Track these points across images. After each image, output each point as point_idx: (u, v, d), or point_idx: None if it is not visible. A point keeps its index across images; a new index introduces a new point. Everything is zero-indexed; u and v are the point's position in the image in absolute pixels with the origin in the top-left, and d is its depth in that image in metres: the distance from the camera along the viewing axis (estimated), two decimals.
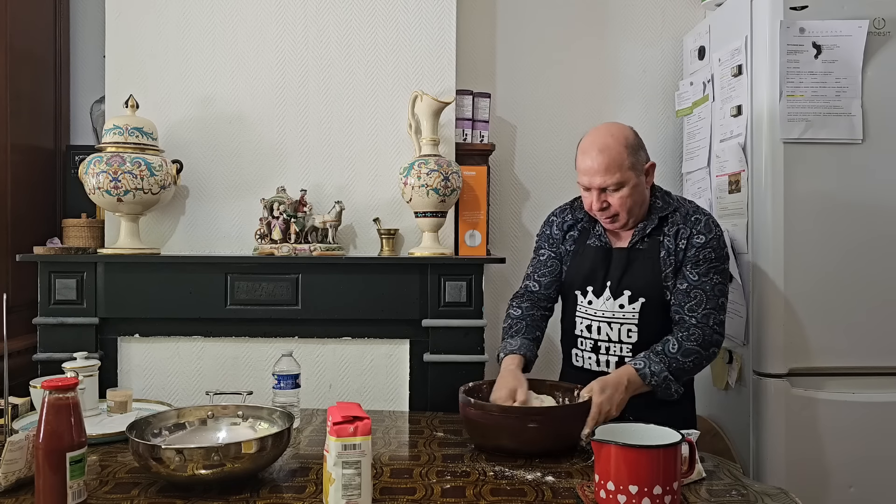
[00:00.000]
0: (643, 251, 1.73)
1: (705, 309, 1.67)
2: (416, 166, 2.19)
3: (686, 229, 1.71)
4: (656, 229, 1.73)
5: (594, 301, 1.75)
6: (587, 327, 1.77)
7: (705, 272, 1.68)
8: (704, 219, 1.72)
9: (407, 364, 2.24)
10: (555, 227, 1.87)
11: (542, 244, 1.89)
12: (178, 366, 2.23)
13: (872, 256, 2.03)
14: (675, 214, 1.73)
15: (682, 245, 1.70)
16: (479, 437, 1.53)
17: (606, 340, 1.74)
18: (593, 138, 1.70)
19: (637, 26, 2.77)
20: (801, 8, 2.03)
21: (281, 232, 2.24)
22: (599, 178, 1.66)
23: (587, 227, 1.83)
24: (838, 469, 2.01)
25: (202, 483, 1.27)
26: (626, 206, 1.68)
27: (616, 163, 1.65)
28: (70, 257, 2.17)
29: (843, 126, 2.02)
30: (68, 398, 1.20)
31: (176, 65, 2.35)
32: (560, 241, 1.85)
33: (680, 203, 1.76)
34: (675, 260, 1.70)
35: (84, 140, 2.61)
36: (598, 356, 1.75)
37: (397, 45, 2.37)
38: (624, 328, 1.72)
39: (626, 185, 1.66)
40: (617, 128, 1.71)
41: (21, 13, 2.32)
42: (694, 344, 1.64)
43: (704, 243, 1.69)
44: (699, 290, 1.68)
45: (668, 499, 1.16)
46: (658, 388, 1.61)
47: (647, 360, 1.61)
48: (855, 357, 2.03)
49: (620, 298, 1.72)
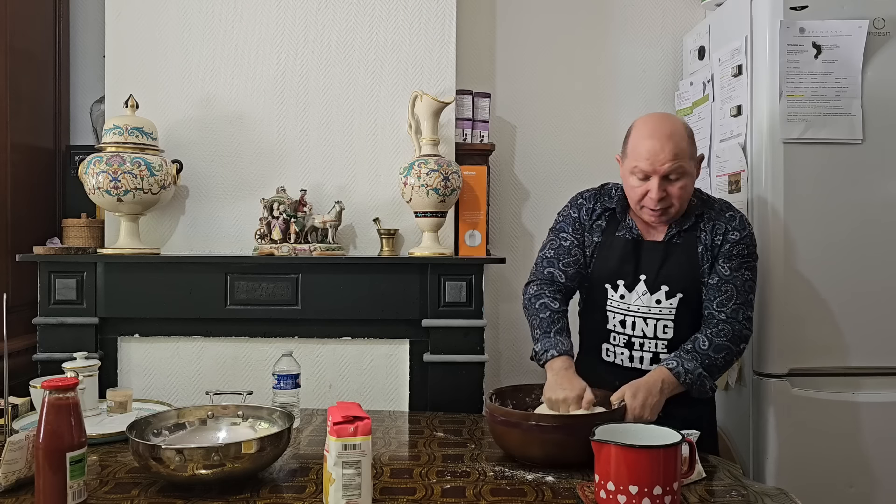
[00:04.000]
0: (680, 245, 1.70)
1: (735, 304, 1.65)
2: (416, 166, 2.19)
3: (721, 225, 1.69)
4: (692, 225, 1.71)
5: (626, 295, 1.71)
6: (621, 322, 1.72)
7: (737, 267, 1.67)
8: (739, 216, 1.72)
9: (407, 364, 2.24)
10: (584, 212, 1.78)
11: (565, 227, 1.80)
12: (177, 366, 2.23)
13: (872, 256, 2.03)
14: (709, 211, 1.72)
15: (717, 240, 1.68)
16: (512, 447, 1.47)
17: (641, 336, 1.70)
18: (658, 123, 1.65)
19: (637, 26, 2.76)
20: (801, 8, 2.03)
21: (281, 232, 2.24)
22: (668, 165, 1.59)
23: (618, 217, 1.76)
24: (838, 469, 2.01)
25: (202, 483, 1.27)
26: (682, 198, 1.64)
27: (683, 150, 1.61)
28: (70, 257, 2.17)
29: (843, 126, 2.02)
30: (68, 398, 1.21)
31: (176, 65, 2.35)
32: (587, 228, 1.78)
33: (713, 200, 1.76)
34: (711, 255, 1.69)
35: (84, 140, 2.61)
36: (632, 352, 1.71)
37: (397, 45, 2.37)
38: (660, 324, 1.69)
39: (687, 174, 1.63)
40: (675, 116, 1.69)
41: (21, 13, 2.32)
42: (724, 339, 1.62)
43: (739, 239, 1.68)
44: (730, 284, 1.66)
45: (668, 499, 1.16)
46: (693, 386, 1.59)
47: (680, 359, 1.59)
48: (855, 357, 2.03)
49: (657, 293, 1.68)
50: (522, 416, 1.45)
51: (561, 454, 1.41)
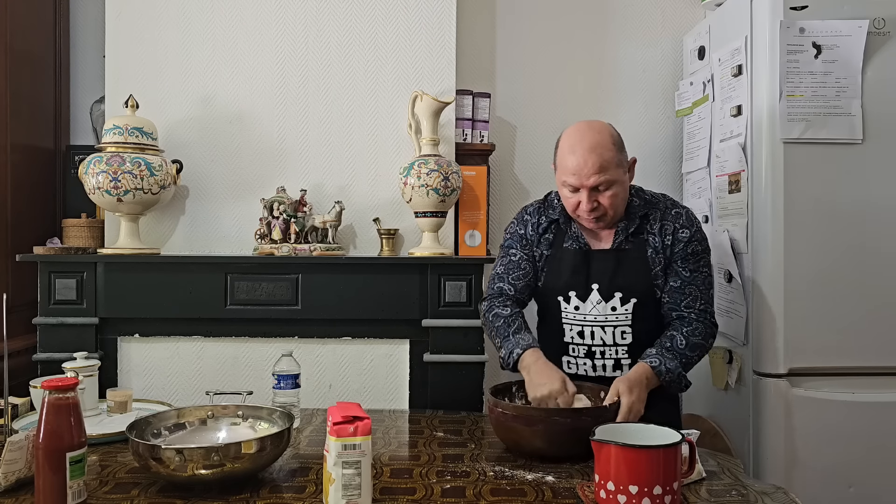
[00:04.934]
0: (629, 251, 1.71)
1: (702, 303, 1.70)
2: (416, 166, 2.19)
3: (669, 224, 1.71)
4: (639, 228, 1.72)
5: (581, 306, 1.72)
6: (579, 333, 1.73)
7: (696, 267, 1.70)
8: (685, 212, 1.73)
9: (407, 364, 2.24)
10: (529, 228, 1.80)
11: (513, 244, 1.81)
12: (178, 366, 2.23)
13: (872, 256, 2.03)
14: (654, 211, 1.73)
15: (667, 241, 1.70)
16: (514, 440, 1.49)
17: (601, 345, 1.71)
18: (580, 136, 1.65)
19: (637, 26, 2.77)
20: (801, 8, 2.03)
21: (281, 232, 2.24)
22: (593, 178, 1.61)
23: (563, 228, 1.77)
24: (838, 469, 2.01)
25: (202, 483, 1.27)
26: (616, 205, 1.66)
27: (607, 161, 1.61)
28: (70, 257, 2.17)
29: (843, 126, 2.02)
30: (68, 398, 1.20)
31: (176, 65, 2.35)
32: (535, 242, 1.79)
33: (656, 199, 1.76)
34: (664, 257, 1.70)
35: (84, 140, 2.61)
36: (594, 361, 1.73)
37: (397, 45, 2.37)
38: (618, 330, 1.70)
39: (616, 183, 1.64)
40: (600, 124, 1.67)
41: (21, 13, 2.32)
42: (699, 338, 1.67)
43: (690, 237, 1.70)
44: (693, 285, 1.70)
45: (668, 499, 1.16)
46: (672, 385, 1.61)
47: (662, 358, 1.61)
48: (855, 357, 2.03)
49: (612, 301, 1.70)
50: (532, 410, 1.48)
51: (565, 447, 1.43)
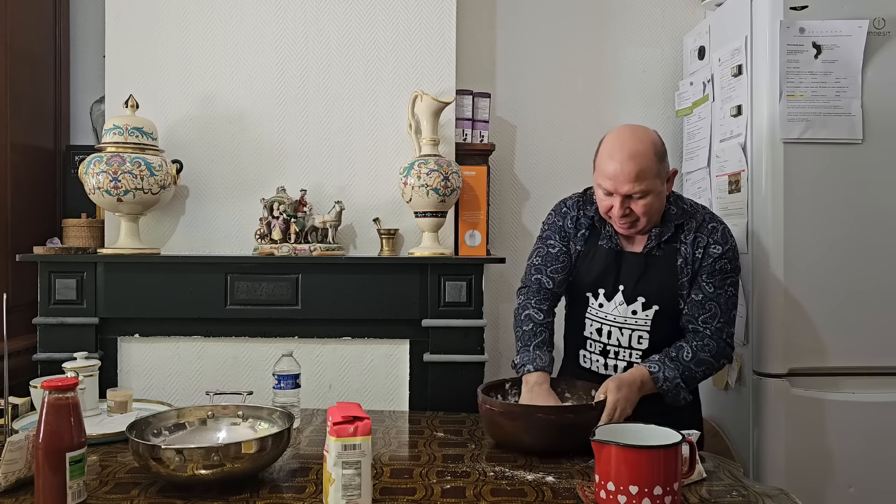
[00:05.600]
0: (660, 258, 1.69)
1: (720, 322, 1.66)
2: (416, 166, 2.19)
3: (703, 238, 1.68)
4: (672, 236, 1.69)
5: (605, 304, 1.72)
6: (597, 330, 1.74)
7: (721, 284, 1.67)
8: (721, 228, 1.70)
9: (407, 364, 2.24)
10: (568, 220, 1.79)
11: (551, 234, 1.80)
12: (178, 366, 2.23)
13: (872, 256, 2.03)
14: (690, 221, 1.70)
15: (698, 254, 1.67)
16: (501, 435, 1.54)
17: (616, 345, 1.72)
18: (622, 142, 1.61)
19: (637, 26, 2.77)
20: (801, 8, 2.03)
21: (281, 232, 2.24)
22: (627, 186, 1.58)
23: (598, 225, 1.76)
24: (838, 469, 2.01)
25: (202, 483, 1.27)
26: (649, 213, 1.63)
27: (646, 171, 1.58)
28: (70, 257, 2.17)
29: (843, 126, 2.02)
30: (68, 398, 1.20)
31: (176, 65, 2.35)
32: (572, 236, 1.78)
33: (694, 209, 1.73)
34: (692, 269, 1.67)
35: (84, 140, 2.61)
36: (607, 360, 1.74)
37: (397, 46, 2.37)
38: (635, 334, 1.70)
39: (652, 193, 1.60)
40: (645, 132, 1.63)
41: (21, 13, 2.32)
42: (707, 355, 1.64)
43: (721, 254, 1.67)
44: (714, 302, 1.66)
45: (669, 499, 1.16)
46: (668, 394, 1.61)
47: (662, 365, 1.60)
48: (855, 357, 2.03)
49: (634, 304, 1.69)
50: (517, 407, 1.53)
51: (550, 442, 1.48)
